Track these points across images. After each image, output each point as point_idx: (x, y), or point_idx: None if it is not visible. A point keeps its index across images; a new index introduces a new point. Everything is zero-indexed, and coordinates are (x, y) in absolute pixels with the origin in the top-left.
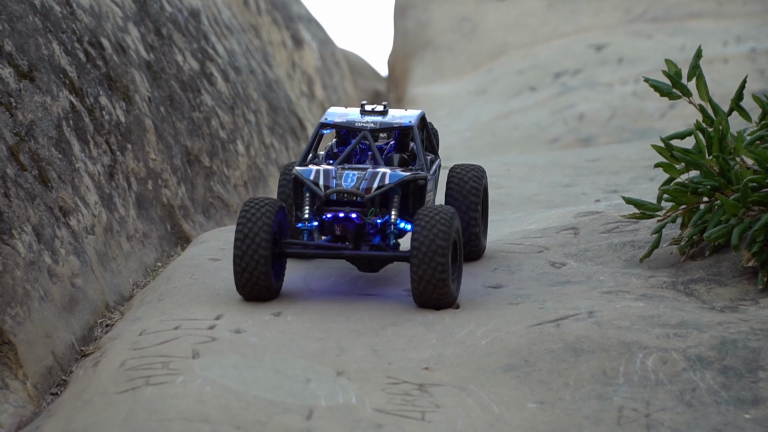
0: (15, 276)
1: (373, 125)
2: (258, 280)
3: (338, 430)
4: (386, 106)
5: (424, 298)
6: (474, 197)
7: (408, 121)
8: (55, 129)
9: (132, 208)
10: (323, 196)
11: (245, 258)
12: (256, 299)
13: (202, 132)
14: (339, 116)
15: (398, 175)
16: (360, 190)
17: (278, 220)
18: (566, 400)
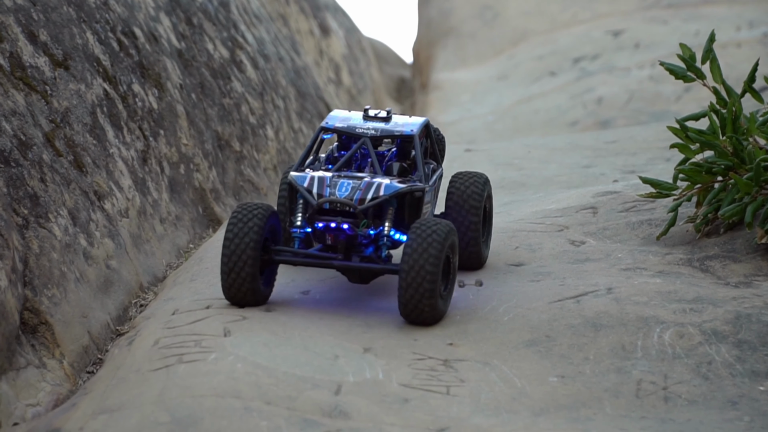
0: (51, 258)
1: (373, 132)
2: (243, 285)
3: (366, 405)
4: (390, 112)
5: (409, 312)
6: (475, 208)
7: (410, 130)
8: (89, 116)
9: (165, 192)
10: (315, 205)
11: (231, 263)
12: (242, 305)
13: (233, 117)
14: (341, 120)
15: (393, 187)
16: (353, 201)
17: (270, 226)
18: (586, 373)
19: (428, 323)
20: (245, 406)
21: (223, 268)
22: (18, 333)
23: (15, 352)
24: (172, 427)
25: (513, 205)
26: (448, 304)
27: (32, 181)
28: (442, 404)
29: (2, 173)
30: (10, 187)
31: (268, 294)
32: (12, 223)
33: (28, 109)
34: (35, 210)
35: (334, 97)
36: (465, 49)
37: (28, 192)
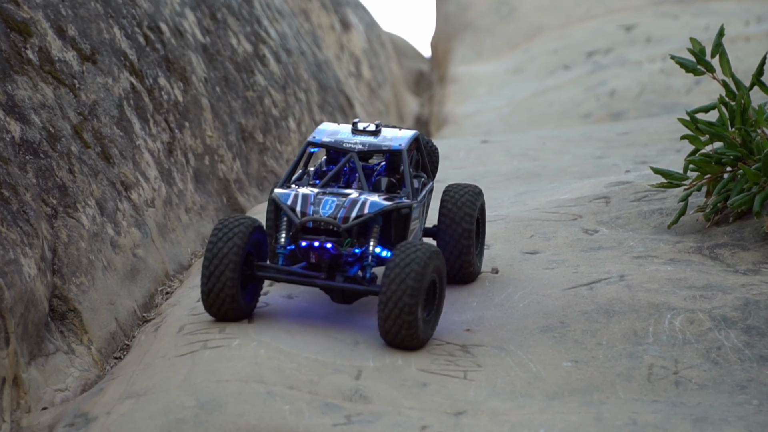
0: (79, 247)
1: (361, 147)
2: (224, 300)
3: (385, 389)
4: (379, 125)
5: (389, 337)
6: (467, 222)
7: (398, 144)
8: (116, 108)
9: (190, 182)
10: (298, 224)
11: (212, 278)
12: (222, 319)
13: (256, 110)
14: (328, 134)
15: (378, 204)
16: (337, 219)
17: (254, 240)
18: (599, 358)
19: (408, 348)
20: (268, 390)
21: (202, 281)
22: (47, 320)
23: (44, 339)
24: (197, 411)
25: (528, 194)
26: (433, 329)
27: (61, 172)
28: (459, 388)
29: (32, 164)
30: (39, 178)
31: (252, 309)
32: (41, 213)
33: (57, 102)
34: (64, 200)
35: (355, 90)
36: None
37: (56, 182)
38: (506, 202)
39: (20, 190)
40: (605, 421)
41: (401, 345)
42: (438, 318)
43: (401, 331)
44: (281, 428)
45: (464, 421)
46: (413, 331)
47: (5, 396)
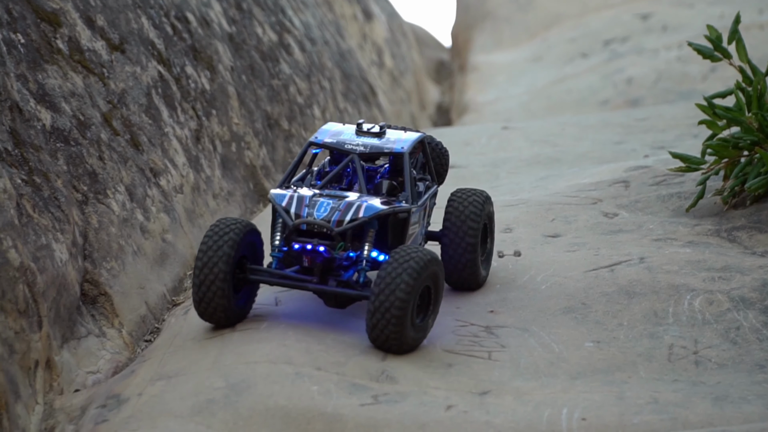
0: (110, 232)
1: (362, 149)
2: (214, 303)
3: (411, 370)
4: (383, 127)
5: (378, 343)
6: (472, 228)
7: (400, 147)
8: (144, 97)
9: (217, 169)
10: (291, 226)
11: (203, 288)
12: (213, 323)
13: (281, 98)
14: (331, 135)
15: (374, 208)
16: (331, 222)
17: (248, 242)
18: (620, 339)
19: (395, 352)
20: (297, 371)
21: (194, 290)
22: (78, 304)
23: (76, 322)
24: (227, 392)
25: (549, 179)
26: (424, 336)
27: (91, 159)
28: (484, 369)
29: (62, 152)
30: (70, 165)
31: (246, 312)
32: (72, 199)
33: (87, 90)
34: (94, 186)
35: (377, 78)
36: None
37: (87, 169)
38: (527, 187)
39: (51, 176)
40: (627, 400)
41: (387, 346)
42: (432, 322)
43: (389, 340)
44: (310, 408)
45: (489, 400)
46: (401, 340)
47: (38, 378)
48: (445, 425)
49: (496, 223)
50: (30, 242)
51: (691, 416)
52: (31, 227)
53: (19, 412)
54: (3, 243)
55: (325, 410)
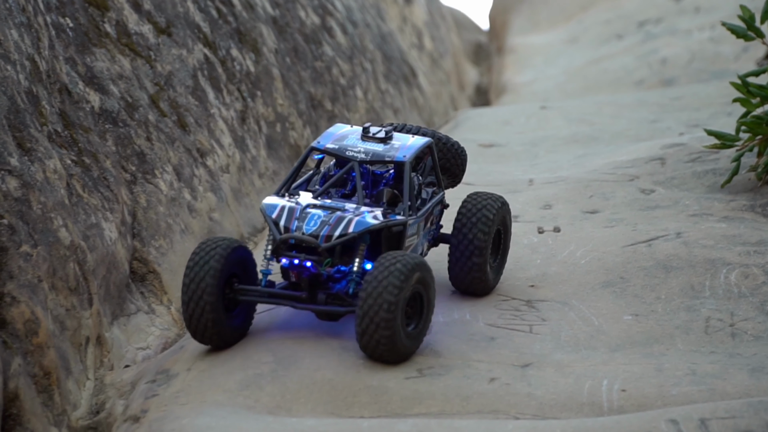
0: (158, 211)
1: (363, 156)
2: (207, 328)
3: (455, 343)
4: (390, 131)
5: (368, 351)
6: (482, 231)
7: (401, 156)
8: (191, 79)
9: (262, 149)
10: (278, 240)
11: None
12: (211, 346)
13: (324, 79)
14: (335, 139)
15: (365, 224)
16: (320, 237)
17: (237, 260)
18: (658, 312)
19: (386, 360)
20: (343, 345)
21: (183, 308)
22: (128, 281)
23: (125, 300)
24: (274, 366)
25: (586, 157)
26: (417, 343)
27: (139, 139)
28: (525, 342)
29: (111, 133)
30: (119, 146)
31: (245, 330)
32: (121, 179)
33: (134, 73)
34: (142, 167)
35: (418, 60)
36: (538, 15)
37: (135, 150)
38: (566, 165)
39: (100, 157)
40: (666, 372)
41: (377, 353)
42: (425, 330)
43: (379, 347)
44: (356, 382)
45: (531, 372)
46: (392, 346)
47: (89, 354)
48: (487, 397)
49: (535, 200)
50: (80, 221)
51: (728, 387)
52: (81, 207)
53: (71, 388)
54: (54, 222)
55: (370, 383)
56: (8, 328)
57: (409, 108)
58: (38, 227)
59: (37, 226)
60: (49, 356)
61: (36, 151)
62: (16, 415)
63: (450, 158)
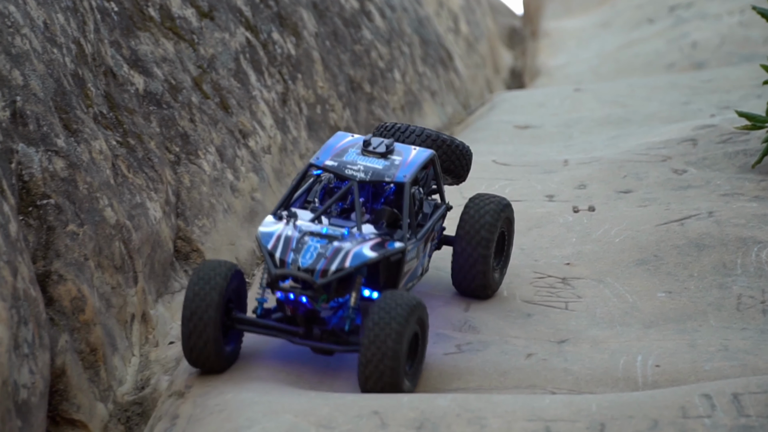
0: (201, 191)
1: (363, 176)
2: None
3: (492, 320)
4: (391, 145)
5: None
6: (485, 239)
7: (402, 176)
8: (233, 61)
9: (303, 130)
10: (273, 275)
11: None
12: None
13: (363, 62)
14: (335, 153)
15: (362, 257)
16: (315, 272)
17: (233, 287)
18: (691, 289)
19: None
20: None
21: (183, 338)
22: (172, 260)
23: (170, 278)
24: None
25: (619, 138)
26: (416, 382)
27: (182, 121)
28: (561, 318)
29: (155, 114)
30: (163, 127)
31: (236, 355)
32: (165, 160)
33: (178, 56)
34: (186, 147)
35: (454, 44)
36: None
37: (179, 131)
38: (600, 146)
39: (145, 138)
40: (699, 347)
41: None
42: (420, 368)
43: (383, 381)
44: None
45: (567, 348)
46: (395, 390)
47: (134, 331)
48: (525, 372)
49: (570, 180)
50: (125, 201)
51: (759, 362)
52: (126, 187)
53: (116, 364)
54: (99, 202)
55: None
56: (55, 306)
57: (446, 90)
58: (84, 207)
59: (83, 205)
60: (95, 333)
61: (82, 132)
62: (63, 390)
63: (455, 160)
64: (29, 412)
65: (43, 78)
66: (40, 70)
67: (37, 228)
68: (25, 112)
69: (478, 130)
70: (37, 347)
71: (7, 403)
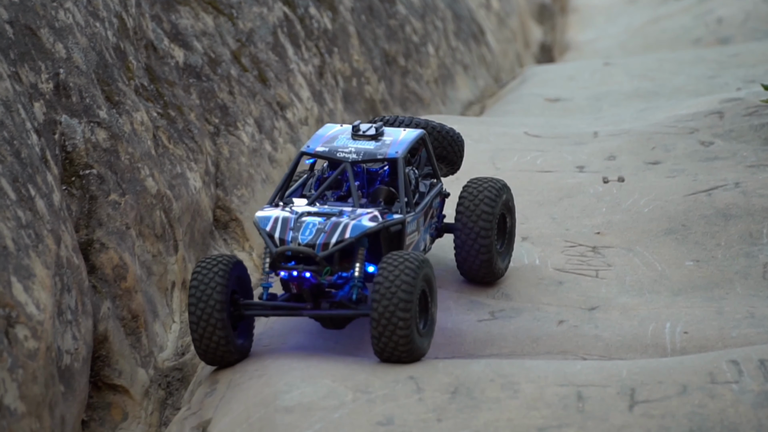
0: (240, 162)
1: (355, 156)
2: (218, 346)
3: (524, 288)
4: (380, 127)
5: (385, 355)
6: (485, 229)
7: (394, 152)
8: (271, 35)
9: (339, 102)
10: (274, 253)
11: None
12: (220, 366)
13: (398, 37)
14: (325, 141)
15: (361, 228)
16: (317, 246)
17: (236, 277)
18: (718, 258)
19: (403, 360)
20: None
21: (191, 327)
22: (211, 229)
23: (209, 246)
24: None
25: (648, 111)
26: (429, 340)
27: (222, 93)
28: (592, 286)
29: (195, 87)
30: (203, 99)
31: (247, 348)
32: (204, 131)
33: (217, 30)
34: (225, 119)
35: (485, 19)
36: None
37: (218, 103)
38: (628, 118)
39: (185, 110)
40: (726, 315)
41: (396, 358)
42: (433, 329)
43: (397, 349)
44: None
45: (597, 315)
46: (410, 346)
47: (175, 298)
48: (556, 339)
49: (600, 152)
50: (166, 171)
51: None
52: (166, 157)
53: (157, 330)
54: (141, 172)
55: (445, 326)
56: (98, 274)
57: (478, 64)
58: (126, 177)
59: (125, 175)
60: (136, 300)
61: (124, 104)
62: (105, 356)
63: (446, 146)
64: (72, 378)
65: (86, 51)
66: (83, 43)
67: (79, 197)
68: (68, 84)
69: (509, 102)
70: (80, 314)
71: (51, 369)
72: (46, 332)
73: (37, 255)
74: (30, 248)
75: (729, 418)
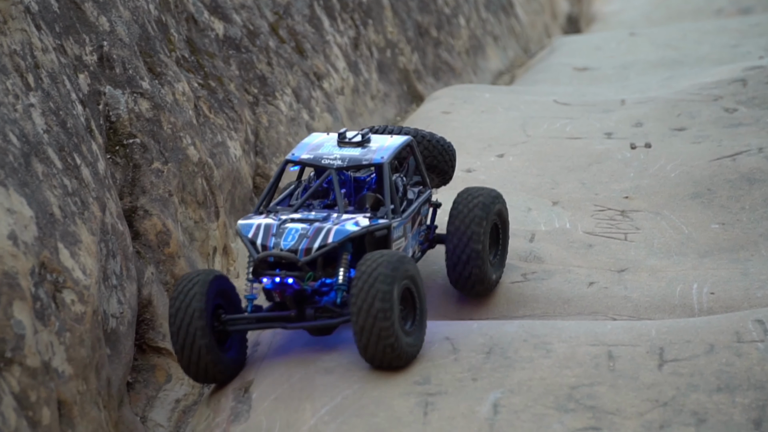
0: (279, 131)
1: (340, 163)
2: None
3: (556, 250)
4: (366, 134)
5: (369, 354)
6: (477, 225)
7: (379, 158)
8: (308, 8)
9: (374, 73)
10: (256, 259)
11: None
12: (206, 381)
13: (430, 9)
14: (311, 149)
15: (344, 232)
16: (299, 251)
17: (219, 290)
18: (743, 221)
19: (389, 361)
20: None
21: (172, 339)
22: (251, 196)
23: (249, 212)
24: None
25: (673, 79)
26: (420, 340)
27: (260, 64)
28: (621, 249)
29: (234, 58)
30: (242, 70)
31: (241, 363)
32: (244, 101)
33: (255, 2)
34: (264, 89)
35: None
36: None
37: (257, 74)
38: (654, 86)
39: (225, 80)
40: (751, 276)
41: (389, 367)
42: (423, 329)
43: (380, 343)
44: None
45: (626, 277)
46: (392, 340)
47: (216, 264)
48: (587, 300)
49: (627, 119)
50: (207, 140)
51: None
52: (207, 126)
53: None
54: (183, 141)
55: None
56: (141, 240)
57: (508, 35)
58: (168, 145)
59: (167, 144)
60: (179, 265)
61: (166, 75)
62: (150, 320)
63: (437, 155)
64: (118, 341)
65: (129, 24)
66: (126, 16)
67: (123, 166)
68: (111, 56)
69: (539, 72)
70: (125, 279)
71: (97, 332)
72: (92, 297)
73: (83, 222)
74: (76, 215)
75: (755, 375)
